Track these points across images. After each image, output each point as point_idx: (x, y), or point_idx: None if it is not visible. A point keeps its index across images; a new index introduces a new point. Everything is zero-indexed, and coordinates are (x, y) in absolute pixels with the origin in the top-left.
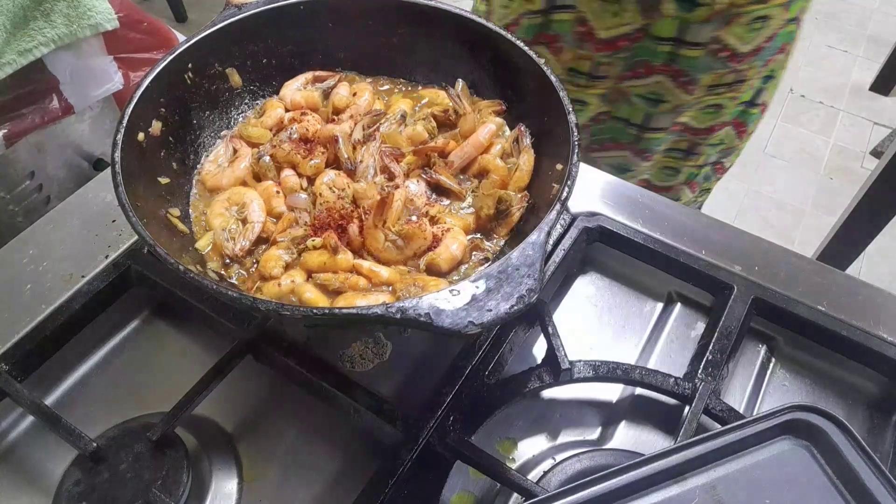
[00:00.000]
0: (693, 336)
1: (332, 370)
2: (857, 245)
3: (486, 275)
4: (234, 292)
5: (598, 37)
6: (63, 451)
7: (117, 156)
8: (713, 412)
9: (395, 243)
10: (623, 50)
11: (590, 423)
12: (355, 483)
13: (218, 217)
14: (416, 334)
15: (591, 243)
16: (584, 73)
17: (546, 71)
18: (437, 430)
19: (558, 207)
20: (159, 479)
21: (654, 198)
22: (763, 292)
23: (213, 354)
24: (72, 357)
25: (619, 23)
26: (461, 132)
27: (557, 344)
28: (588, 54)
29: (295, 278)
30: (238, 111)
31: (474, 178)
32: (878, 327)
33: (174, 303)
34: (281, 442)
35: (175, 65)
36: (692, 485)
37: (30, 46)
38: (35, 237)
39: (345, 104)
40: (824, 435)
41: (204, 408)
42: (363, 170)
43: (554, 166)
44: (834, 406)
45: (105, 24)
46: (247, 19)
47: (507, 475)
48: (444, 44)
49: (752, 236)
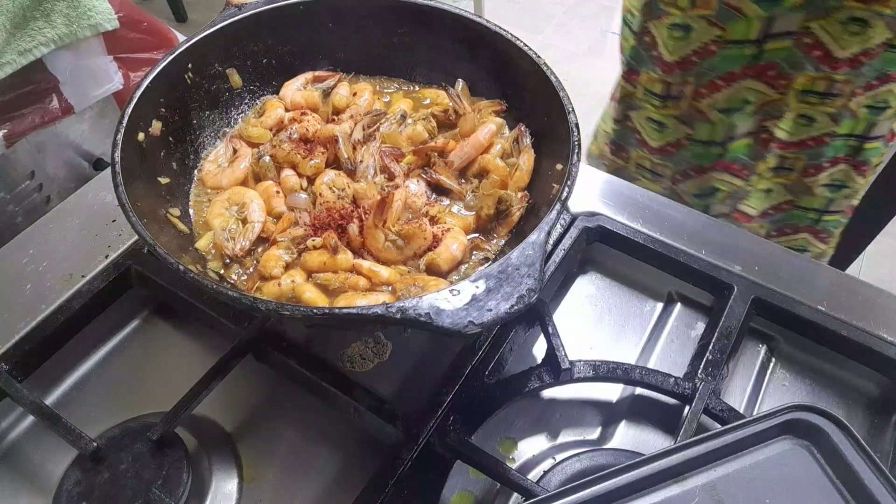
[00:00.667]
0: (693, 336)
1: (332, 370)
2: (857, 245)
3: (486, 275)
4: (234, 292)
5: (665, 60)
6: (63, 451)
7: (117, 156)
8: (713, 412)
9: (395, 243)
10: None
11: (590, 422)
12: (355, 483)
13: (218, 217)
14: (416, 334)
15: (591, 243)
16: (658, 95)
17: (546, 71)
18: (437, 430)
19: (558, 207)
20: (159, 479)
21: (654, 198)
22: (763, 292)
23: (213, 354)
24: (72, 357)
25: (686, 45)
26: (461, 132)
27: (557, 344)
28: (659, 77)
29: (295, 278)
30: (238, 111)
31: (474, 178)
32: (878, 327)
33: (174, 303)
34: (281, 442)
35: (175, 65)
36: (692, 485)
37: (30, 46)
38: (35, 237)
39: (345, 104)
40: (824, 435)
41: (204, 408)
42: (363, 170)
43: (554, 166)
44: (834, 406)
45: (105, 24)
46: (247, 19)
47: (507, 475)
48: (444, 44)
49: (752, 236)
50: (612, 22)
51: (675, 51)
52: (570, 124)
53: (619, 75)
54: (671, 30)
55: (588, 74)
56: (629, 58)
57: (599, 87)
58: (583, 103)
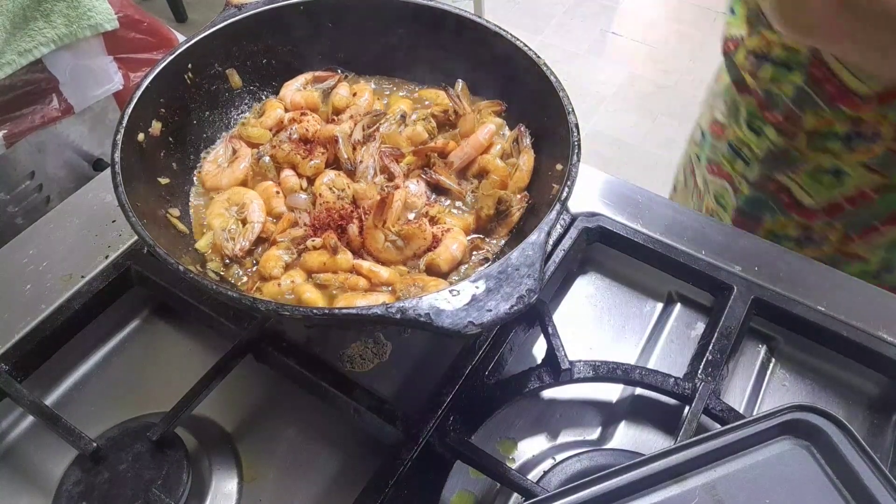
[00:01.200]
0: (693, 336)
1: (332, 370)
2: None
3: (486, 275)
4: (234, 292)
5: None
6: (63, 451)
7: (117, 156)
8: (713, 412)
9: (394, 243)
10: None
11: (590, 423)
12: (355, 483)
13: (218, 217)
14: (416, 334)
15: (590, 243)
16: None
17: (546, 71)
18: (437, 430)
19: (558, 207)
20: (159, 479)
21: (654, 198)
22: (763, 292)
23: (213, 354)
24: (72, 357)
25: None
26: (461, 132)
27: (557, 344)
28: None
29: (295, 278)
30: (238, 111)
31: (474, 178)
32: (878, 327)
33: (174, 303)
34: (281, 442)
35: (175, 65)
36: (692, 485)
37: (30, 46)
38: (35, 237)
39: (345, 104)
40: (824, 435)
41: (204, 408)
42: (363, 170)
43: (554, 166)
44: (834, 406)
45: (105, 25)
46: (247, 19)
47: (507, 475)
48: (444, 44)
49: (752, 236)
50: (612, 22)
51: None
52: (570, 124)
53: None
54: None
55: (588, 74)
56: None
57: (599, 88)
58: (583, 103)
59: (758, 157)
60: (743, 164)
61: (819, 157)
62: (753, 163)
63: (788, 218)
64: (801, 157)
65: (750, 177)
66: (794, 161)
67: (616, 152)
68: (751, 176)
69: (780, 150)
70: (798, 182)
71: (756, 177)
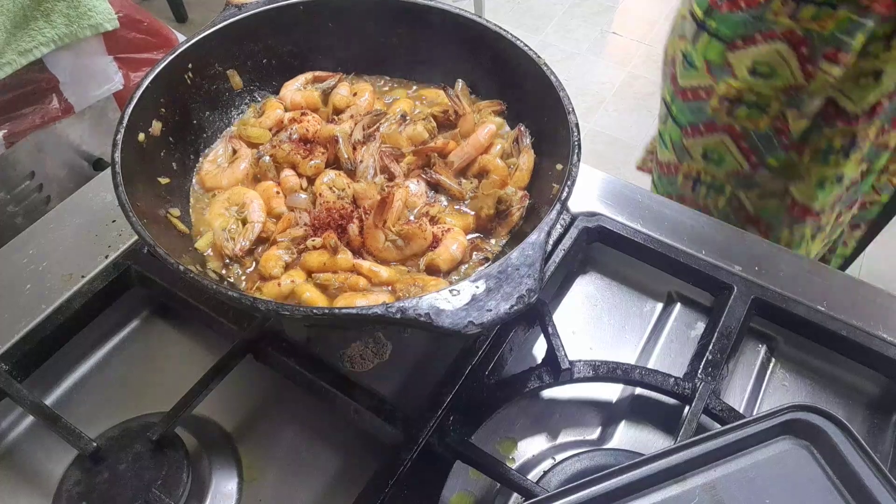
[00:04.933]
0: (693, 336)
1: (332, 370)
2: (857, 245)
3: (486, 275)
4: (234, 292)
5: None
6: (63, 451)
7: (117, 156)
8: (713, 412)
9: (395, 243)
10: None
11: (590, 423)
12: (355, 483)
13: (218, 217)
14: (416, 334)
15: (590, 243)
16: None
17: (546, 71)
18: (437, 430)
19: (558, 207)
20: (159, 479)
21: (653, 198)
22: (763, 292)
23: (213, 354)
24: (72, 357)
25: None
26: (461, 132)
27: (557, 344)
28: None
29: (295, 278)
30: (238, 111)
31: (474, 178)
32: (878, 327)
33: (174, 303)
34: (281, 442)
35: (175, 65)
36: (692, 485)
37: (30, 46)
38: (35, 237)
39: (345, 104)
40: (824, 435)
41: (204, 408)
42: (363, 170)
43: (554, 166)
44: (834, 406)
45: (105, 25)
46: (247, 19)
47: (507, 475)
48: (444, 44)
49: (752, 236)
50: (612, 22)
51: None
52: (570, 124)
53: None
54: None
55: (588, 74)
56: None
57: (599, 88)
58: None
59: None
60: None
61: None
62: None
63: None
64: None
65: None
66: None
67: (616, 152)
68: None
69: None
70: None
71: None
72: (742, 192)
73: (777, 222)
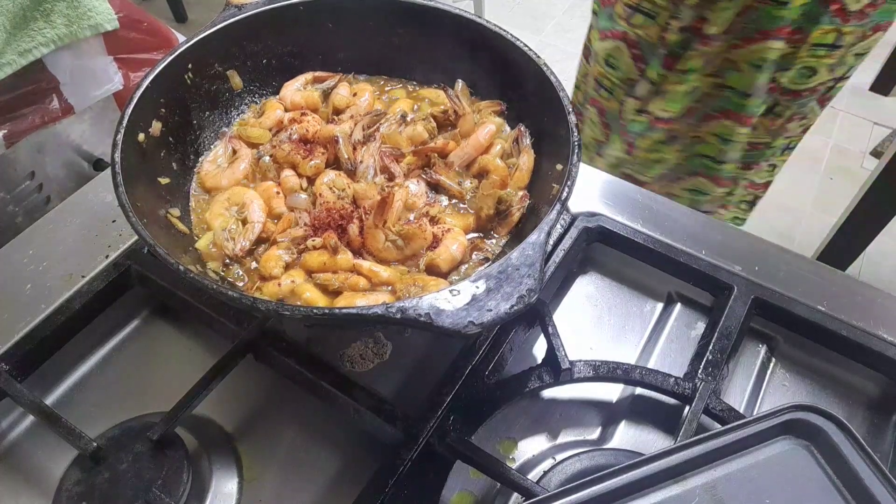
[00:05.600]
0: (693, 336)
1: (332, 370)
2: (857, 245)
3: (486, 275)
4: (234, 292)
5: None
6: (63, 451)
7: (117, 156)
8: (713, 412)
9: (395, 243)
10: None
11: (590, 423)
12: (355, 483)
13: (218, 217)
14: (416, 334)
15: (591, 243)
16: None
17: (546, 71)
18: (437, 430)
19: (558, 207)
20: (159, 479)
21: (654, 198)
22: (763, 292)
23: (213, 354)
24: (72, 357)
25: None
26: (461, 132)
27: (557, 344)
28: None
29: (295, 278)
30: (238, 111)
31: (474, 178)
32: (878, 327)
33: (174, 303)
34: (281, 442)
35: (175, 65)
36: (692, 485)
37: (30, 47)
38: (35, 237)
39: (345, 104)
40: (824, 435)
41: (204, 408)
42: (363, 170)
43: (554, 166)
44: (834, 406)
45: (105, 25)
46: (247, 19)
47: (507, 475)
48: (444, 44)
49: (752, 236)
50: None
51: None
52: (570, 124)
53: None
54: None
55: None
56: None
57: None
58: None
59: None
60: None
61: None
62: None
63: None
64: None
65: None
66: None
67: None
68: None
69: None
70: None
71: None
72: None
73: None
